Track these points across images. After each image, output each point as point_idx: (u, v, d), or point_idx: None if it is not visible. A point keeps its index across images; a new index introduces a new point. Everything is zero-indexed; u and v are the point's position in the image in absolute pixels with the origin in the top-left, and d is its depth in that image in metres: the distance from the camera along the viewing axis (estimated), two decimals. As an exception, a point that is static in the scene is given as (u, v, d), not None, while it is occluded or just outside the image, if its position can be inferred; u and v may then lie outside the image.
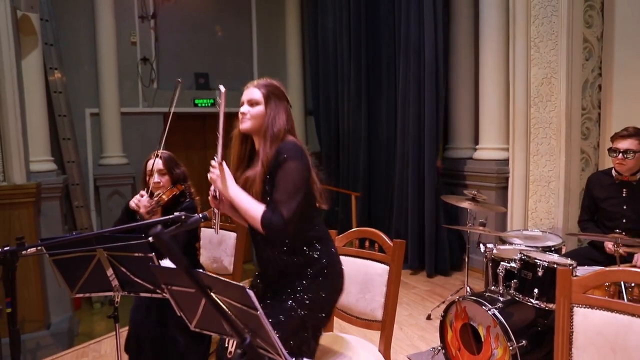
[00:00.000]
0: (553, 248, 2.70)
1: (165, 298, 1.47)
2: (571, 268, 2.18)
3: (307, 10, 6.22)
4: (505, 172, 4.09)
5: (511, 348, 2.14)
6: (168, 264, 1.82)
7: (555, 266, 2.20)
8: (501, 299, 2.36)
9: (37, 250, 1.53)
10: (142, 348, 2.10)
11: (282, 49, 6.41)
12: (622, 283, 2.05)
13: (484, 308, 2.27)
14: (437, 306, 3.50)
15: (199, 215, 1.51)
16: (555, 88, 3.62)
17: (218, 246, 2.64)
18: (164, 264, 1.79)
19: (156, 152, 2.30)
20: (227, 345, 1.62)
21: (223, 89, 1.54)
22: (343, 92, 5.47)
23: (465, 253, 4.53)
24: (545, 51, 3.65)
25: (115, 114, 5.35)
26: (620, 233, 2.43)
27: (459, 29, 4.73)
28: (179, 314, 1.47)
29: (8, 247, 1.37)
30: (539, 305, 2.26)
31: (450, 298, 3.28)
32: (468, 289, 3.21)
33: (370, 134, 5.22)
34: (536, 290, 2.26)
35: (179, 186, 2.31)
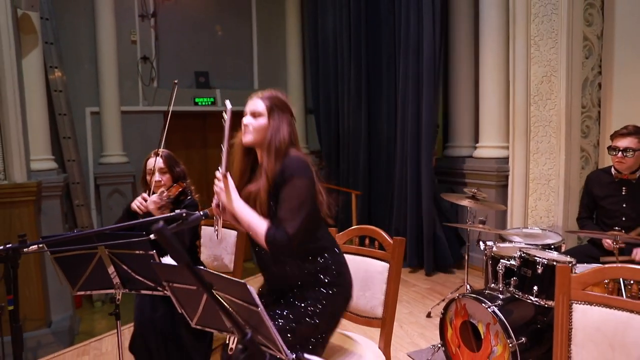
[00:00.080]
0: (553, 246, 2.71)
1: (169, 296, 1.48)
2: (570, 265, 2.19)
3: (307, 9, 6.21)
4: (505, 170, 4.10)
5: (511, 345, 2.15)
6: (169, 261, 1.83)
7: (554, 263, 2.21)
8: (501, 297, 2.37)
9: (39, 247, 1.54)
10: (149, 347, 2.09)
11: (282, 48, 6.41)
12: (622, 280, 2.05)
13: (484, 305, 2.27)
14: (437, 304, 3.51)
15: (200, 212, 1.52)
16: (555, 86, 3.63)
17: (219, 244, 2.65)
18: (165, 261, 1.79)
19: (156, 151, 2.30)
20: (228, 342, 1.62)
21: (229, 105, 1.54)
22: (343, 92, 5.47)
23: (463, 251, 4.55)
24: (545, 49, 3.65)
25: (115, 113, 5.36)
26: (619, 231, 2.44)
27: (459, 28, 4.74)
28: (180, 311, 1.48)
29: (10, 245, 1.38)
30: (539, 302, 2.27)
31: (450, 296, 3.28)
32: (468, 287, 3.22)
33: (370, 133, 5.22)
34: (536, 287, 2.27)
35: (181, 183, 2.33)
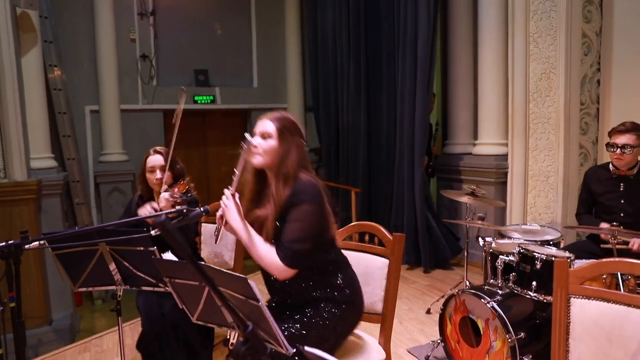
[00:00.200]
0: (551, 242, 2.72)
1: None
2: (568, 260, 2.20)
3: (307, 6, 6.21)
4: (504, 167, 4.11)
5: (510, 340, 2.16)
6: (170, 257, 1.84)
7: (553, 259, 2.22)
8: (500, 292, 2.39)
9: (40, 244, 1.55)
10: (160, 344, 2.08)
11: (282, 46, 6.41)
12: (619, 274, 2.07)
13: (483, 301, 2.29)
14: (437, 300, 3.53)
15: (201, 208, 1.53)
16: (554, 83, 3.63)
17: (219, 241, 2.65)
18: (166, 257, 1.81)
19: (160, 148, 2.33)
20: (229, 337, 1.64)
21: (249, 137, 1.58)
22: (343, 88, 5.48)
23: (459, 247, 4.57)
24: (544, 46, 3.65)
25: (114, 111, 5.36)
26: (617, 226, 2.45)
27: (458, 25, 4.74)
28: (181, 307, 1.50)
29: (13, 241, 1.39)
30: (537, 297, 2.28)
31: (449, 292, 3.30)
32: (467, 283, 3.23)
33: (370, 130, 5.23)
34: (534, 283, 2.28)
35: (186, 181, 2.33)
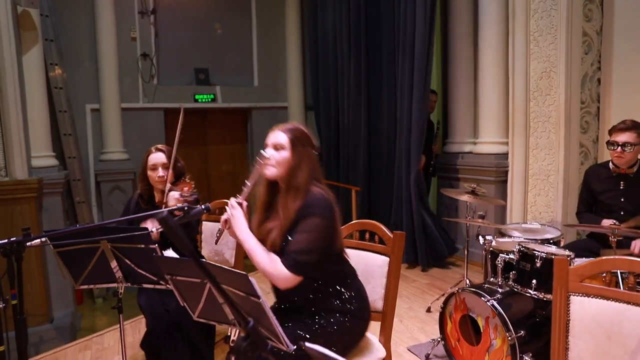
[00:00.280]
0: (552, 240, 2.72)
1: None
2: (568, 258, 2.20)
3: (307, 5, 6.21)
4: (504, 166, 4.11)
5: (510, 338, 2.17)
6: (171, 255, 1.85)
7: (553, 257, 2.22)
8: (500, 290, 2.39)
9: (43, 241, 1.55)
10: (165, 341, 2.08)
11: (282, 45, 6.41)
12: (619, 272, 2.07)
13: (483, 299, 2.29)
14: (437, 299, 3.53)
15: (202, 206, 1.54)
16: (554, 82, 3.63)
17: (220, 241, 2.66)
18: (167, 255, 1.81)
19: (163, 146, 2.34)
20: (230, 334, 1.64)
21: (264, 153, 1.60)
22: (343, 87, 5.48)
23: (455, 246, 4.58)
24: (544, 45, 3.65)
25: (115, 110, 5.37)
26: (618, 225, 2.45)
27: (459, 24, 4.74)
28: (183, 304, 1.50)
29: (15, 238, 1.39)
30: (537, 296, 2.28)
31: (449, 290, 3.30)
32: (467, 281, 3.23)
33: (370, 129, 5.23)
34: (534, 281, 2.28)
35: (190, 180, 2.33)
